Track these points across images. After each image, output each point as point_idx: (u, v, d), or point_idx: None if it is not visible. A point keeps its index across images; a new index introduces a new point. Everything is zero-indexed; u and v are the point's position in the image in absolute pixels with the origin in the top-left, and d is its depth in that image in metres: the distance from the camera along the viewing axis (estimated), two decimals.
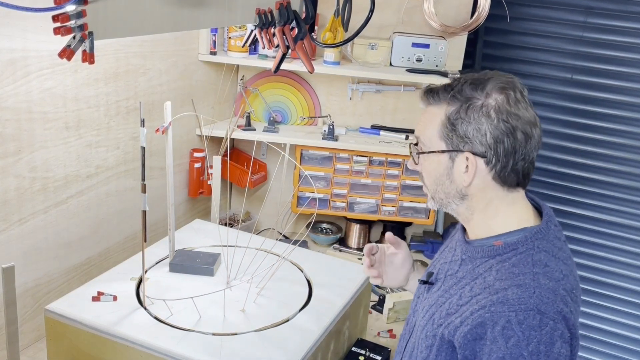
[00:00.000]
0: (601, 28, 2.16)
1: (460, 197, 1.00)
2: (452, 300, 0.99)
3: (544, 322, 0.88)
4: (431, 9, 1.98)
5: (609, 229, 2.31)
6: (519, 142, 0.94)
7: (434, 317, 1.01)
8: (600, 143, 2.25)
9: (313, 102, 2.14)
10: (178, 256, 1.45)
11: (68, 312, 1.21)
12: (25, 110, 1.28)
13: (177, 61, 1.78)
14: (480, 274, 0.97)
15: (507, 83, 0.96)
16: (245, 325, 1.23)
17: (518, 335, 0.87)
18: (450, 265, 1.07)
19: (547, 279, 0.92)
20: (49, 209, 1.40)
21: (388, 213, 2.11)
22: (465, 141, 0.95)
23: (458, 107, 0.96)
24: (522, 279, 0.91)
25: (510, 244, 0.97)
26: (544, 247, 0.96)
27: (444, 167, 0.99)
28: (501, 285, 0.92)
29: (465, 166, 0.97)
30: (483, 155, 0.95)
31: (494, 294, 0.91)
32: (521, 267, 0.93)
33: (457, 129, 0.95)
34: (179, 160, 1.91)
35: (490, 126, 0.93)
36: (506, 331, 0.88)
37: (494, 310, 0.90)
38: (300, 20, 1.41)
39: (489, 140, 0.94)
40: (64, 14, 0.84)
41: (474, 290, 0.96)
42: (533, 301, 0.89)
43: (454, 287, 1.01)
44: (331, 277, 1.46)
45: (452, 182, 0.99)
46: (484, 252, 0.99)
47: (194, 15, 1.14)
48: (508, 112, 0.94)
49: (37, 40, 1.26)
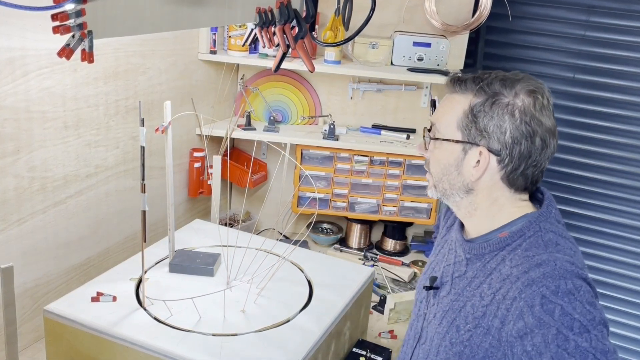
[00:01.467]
0: (604, 27, 2.15)
1: (465, 190, 0.99)
2: (473, 303, 0.97)
3: (577, 285, 0.87)
4: (432, 7, 1.98)
5: (612, 229, 2.30)
6: (535, 148, 0.94)
7: (456, 323, 0.98)
8: (602, 143, 2.25)
9: (314, 102, 2.13)
10: (178, 256, 1.45)
11: (67, 313, 1.20)
12: (24, 109, 1.28)
13: (177, 60, 1.78)
14: (494, 268, 0.96)
15: (536, 87, 0.95)
16: (245, 325, 1.23)
17: (560, 304, 0.85)
18: (455, 267, 1.05)
19: (562, 254, 0.91)
20: (48, 209, 1.40)
21: (389, 213, 2.10)
22: (483, 135, 0.94)
23: (484, 100, 0.94)
24: (539, 259, 0.90)
25: (516, 231, 0.96)
26: (549, 228, 0.96)
27: (454, 157, 0.98)
28: (520, 270, 0.91)
29: (477, 161, 0.96)
30: (498, 153, 0.94)
31: (516, 282, 0.90)
32: (534, 249, 0.93)
33: (477, 122, 0.94)
34: (178, 159, 1.90)
35: (512, 126, 0.92)
36: (546, 306, 0.86)
37: (525, 297, 0.88)
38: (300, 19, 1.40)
39: (506, 139, 0.93)
40: (63, 13, 0.84)
41: (493, 286, 0.94)
42: (557, 272, 0.88)
43: (468, 288, 0.99)
44: (332, 278, 1.45)
45: (460, 174, 0.98)
46: (491, 246, 0.98)
47: (194, 14, 1.14)
48: (532, 115, 0.93)
49: (36, 39, 1.25)
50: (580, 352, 0.83)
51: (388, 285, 1.89)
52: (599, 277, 2.36)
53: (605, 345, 0.84)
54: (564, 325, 0.84)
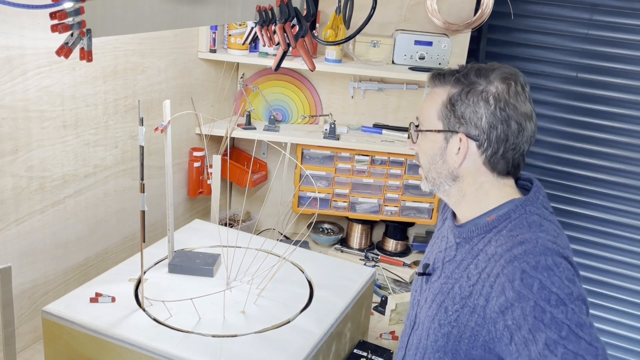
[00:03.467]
0: (606, 25, 2.14)
1: (452, 178, 1.04)
2: (461, 284, 1.00)
3: (557, 261, 0.90)
4: (434, 6, 1.97)
5: (615, 229, 2.29)
6: (512, 131, 0.98)
7: (445, 305, 1.02)
8: (604, 142, 2.24)
9: (314, 101, 2.12)
10: (177, 257, 1.44)
11: (65, 314, 1.19)
12: (22, 108, 1.27)
13: (177, 59, 1.77)
14: (481, 250, 1.00)
15: (510, 74, 1.00)
16: (245, 326, 1.22)
17: (539, 279, 0.88)
18: (446, 252, 1.09)
19: (545, 233, 0.95)
20: (46, 209, 1.39)
21: (390, 213, 2.09)
22: (461, 122, 1.00)
23: (460, 90, 1.00)
24: (521, 237, 0.94)
25: (502, 214, 1.00)
26: (535, 211, 1.00)
27: (438, 146, 1.03)
28: (503, 249, 0.94)
29: (458, 148, 1.01)
30: (476, 138, 0.99)
31: (499, 259, 0.93)
32: (518, 230, 0.96)
33: (455, 110, 1.00)
34: (178, 159, 1.89)
35: (487, 111, 0.98)
36: (526, 280, 0.88)
37: (506, 272, 0.91)
38: (301, 17, 1.39)
39: (483, 125, 0.98)
40: (62, 11, 0.84)
41: (479, 266, 0.98)
42: (539, 249, 0.91)
43: (456, 271, 1.03)
44: (332, 278, 1.45)
45: (445, 163, 1.03)
46: (478, 229, 1.02)
47: (194, 13, 1.13)
48: (506, 101, 0.98)
49: (34, 38, 1.25)
50: (555, 324, 0.85)
51: (389, 286, 1.89)
52: (601, 277, 2.36)
53: (581, 318, 0.86)
54: (541, 297, 0.87)
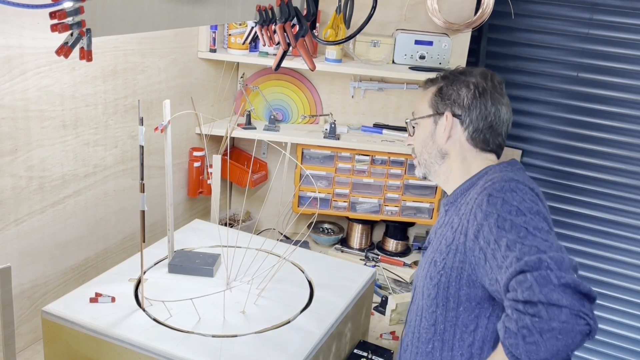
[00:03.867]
0: (607, 25, 2.13)
1: (440, 156, 1.21)
2: (446, 236, 1.13)
3: (520, 187, 1.02)
4: (434, 5, 1.96)
5: (616, 229, 2.29)
6: (488, 112, 1.16)
7: (435, 259, 1.13)
8: (605, 141, 2.23)
9: (314, 100, 2.12)
10: (177, 257, 1.44)
11: (65, 314, 1.19)
12: (22, 108, 1.27)
13: (177, 58, 1.77)
14: (462, 203, 1.14)
15: (487, 72, 1.21)
16: (245, 327, 1.22)
17: (502, 197, 1.00)
18: (438, 223, 1.23)
19: (514, 175, 1.07)
20: (46, 209, 1.39)
21: (391, 213, 2.09)
22: (447, 104, 1.19)
23: (447, 82, 1.21)
24: (492, 177, 1.09)
25: (480, 174, 1.16)
26: (508, 169, 1.13)
27: (429, 130, 1.22)
28: (479, 191, 1.08)
29: (444, 127, 1.19)
30: (459, 116, 1.18)
31: (474, 198, 1.07)
32: (491, 175, 1.12)
33: (442, 95, 1.20)
34: (178, 159, 1.89)
35: (468, 94, 1.17)
36: (491, 200, 1.01)
37: (477, 201, 1.04)
38: (301, 17, 1.39)
39: (465, 104, 1.17)
40: (61, 11, 0.84)
41: (459, 214, 1.12)
42: (504, 178, 1.05)
43: (443, 229, 1.16)
44: (333, 278, 1.45)
45: (434, 142, 1.21)
46: (461, 191, 1.18)
47: (194, 12, 1.13)
48: (484, 87, 1.17)
49: (34, 38, 1.24)
50: (515, 227, 0.95)
51: (389, 286, 1.88)
52: (601, 277, 2.35)
53: (539, 225, 0.95)
54: (504, 210, 0.99)
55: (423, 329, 1.17)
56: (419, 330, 1.19)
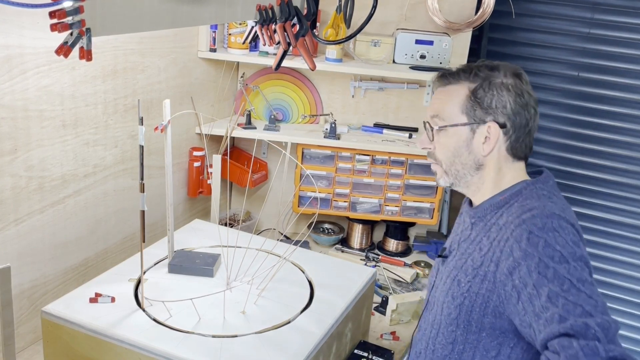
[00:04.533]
0: (608, 25, 2.13)
1: (476, 167, 1.09)
2: (473, 257, 1.06)
3: (563, 225, 0.96)
4: (435, 5, 1.96)
5: (617, 229, 2.29)
6: (530, 116, 1.06)
7: (458, 278, 1.08)
8: (606, 141, 2.23)
9: (315, 100, 2.11)
10: (177, 257, 1.43)
11: (65, 314, 1.19)
12: (22, 108, 1.26)
13: (176, 58, 1.76)
14: (493, 224, 1.06)
15: (517, 69, 1.09)
16: (245, 327, 1.22)
17: (545, 238, 0.94)
18: (462, 234, 1.15)
19: (553, 204, 1.01)
20: (46, 209, 1.38)
21: (391, 213, 2.09)
22: (489, 112, 1.06)
23: (480, 83, 1.06)
24: (531, 205, 1.01)
25: (514, 192, 1.07)
26: (545, 189, 1.06)
27: (463, 138, 1.08)
28: (514, 218, 1.01)
29: (485, 137, 1.06)
30: (504, 125, 1.06)
31: (509, 225, 1.00)
32: (528, 201, 1.03)
33: (482, 102, 1.06)
34: (178, 159, 1.89)
35: (510, 99, 1.05)
36: (532, 240, 0.94)
37: (515, 235, 0.97)
38: (301, 16, 1.39)
39: (509, 112, 1.05)
40: (61, 11, 0.84)
41: (490, 237, 1.04)
42: (546, 213, 0.97)
43: (470, 246, 1.09)
44: (333, 278, 1.44)
45: (471, 153, 1.08)
46: (492, 207, 1.09)
47: (194, 12, 1.13)
48: (522, 89, 1.06)
49: (33, 37, 1.24)
50: (558, 278, 0.90)
51: (390, 286, 1.88)
52: (604, 277, 2.35)
53: (583, 275, 0.91)
54: (545, 254, 0.92)
55: (439, 344, 1.13)
56: (434, 344, 1.15)
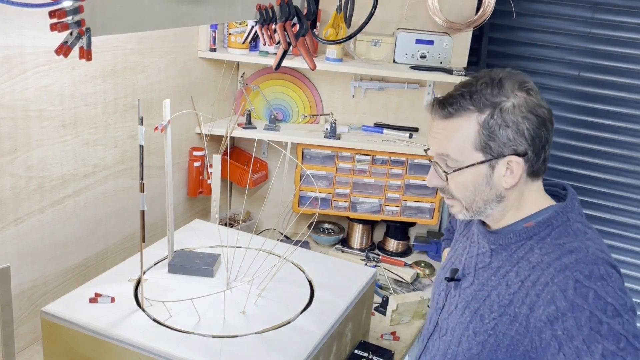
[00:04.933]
0: (609, 24, 2.13)
1: (497, 200, 1.01)
2: (499, 292, 0.98)
3: (609, 271, 0.89)
4: (435, 4, 1.96)
5: (618, 229, 2.28)
6: (547, 132, 0.97)
7: (480, 312, 1.00)
8: (607, 141, 2.23)
9: (315, 100, 2.11)
10: (177, 257, 1.43)
11: (65, 314, 1.19)
12: (22, 108, 1.26)
13: (176, 58, 1.76)
14: (522, 257, 0.98)
15: (522, 80, 0.97)
16: (245, 327, 1.21)
17: (594, 288, 0.87)
18: (478, 258, 1.06)
19: (592, 242, 0.95)
20: (46, 209, 1.38)
21: (391, 213, 2.08)
22: (508, 145, 0.95)
23: (491, 113, 0.95)
24: (570, 246, 0.93)
25: (543, 221, 0.99)
26: (576, 218, 0.99)
27: (482, 176, 0.98)
28: (551, 257, 0.93)
29: (506, 169, 0.97)
30: (525, 153, 0.96)
31: (548, 268, 0.92)
32: (564, 238, 0.95)
33: (497, 136, 0.95)
34: (178, 159, 1.89)
35: (527, 123, 0.95)
36: (580, 290, 0.87)
37: (557, 281, 0.89)
38: (301, 16, 1.39)
39: (528, 137, 0.95)
40: (61, 10, 0.84)
41: (520, 273, 0.96)
42: (590, 258, 0.90)
43: (493, 278, 1.01)
44: (333, 279, 1.44)
45: (492, 188, 0.99)
46: (517, 236, 1.00)
47: (193, 11, 1.12)
48: (535, 104, 0.95)
49: (33, 37, 1.24)
50: (613, 335, 0.84)
51: (390, 286, 1.88)
52: None
53: (636, 329, 0.86)
54: (597, 308, 0.85)
55: None
56: None
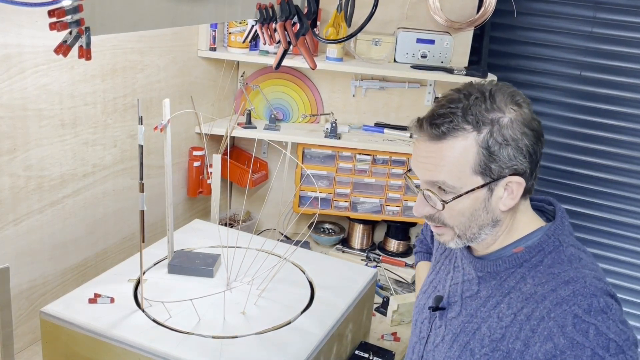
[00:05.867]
0: (611, 24, 2.12)
1: (492, 225, 0.92)
2: (490, 325, 0.92)
3: (609, 303, 0.84)
4: (436, 3, 1.95)
5: (620, 229, 2.27)
6: (542, 145, 0.90)
7: (470, 347, 0.94)
8: (609, 141, 2.22)
9: (315, 99, 2.11)
10: (177, 257, 1.43)
11: (64, 315, 1.18)
12: (20, 107, 1.26)
13: (176, 57, 1.76)
14: (513, 287, 0.91)
15: (512, 92, 0.90)
16: (245, 328, 1.21)
17: (594, 323, 0.82)
18: (464, 285, 0.99)
19: (588, 269, 0.89)
20: (45, 209, 1.38)
21: (392, 213, 2.08)
22: (508, 165, 0.87)
23: (490, 131, 0.86)
24: (565, 276, 0.87)
25: (533, 246, 0.92)
26: (569, 241, 0.93)
27: (480, 200, 0.90)
28: (546, 289, 0.87)
29: (504, 190, 0.89)
30: (524, 171, 0.88)
31: (543, 301, 0.86)
32: (558, 266, 0.89)
33: (498, 156, 0.87)
34: (177, 158, 1.88)
35: (526, 139, 0.87)
36: (579, 326, 0.82)
37: (554, 316, 0.84)
38: (302, 15, 1.38)
39: (526, 154, 0.88)
40: (60, 9, 0.84)
41: (512, 305, 0.90)
42: (588, 289, 0.85)
43: (482, 309, 0.94)
44: (334, 279, 1.44)
45: (489, 212, 0.91)
46: (506, 263, 0.93)
47: (193, 10, 1.12)
48: (530, 118, 0.89)
49: (32, 36, 1.23)
50: None
51: (391, 287, 1.87)
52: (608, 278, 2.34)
53: None
54: (599, 345, 0.81)
55: None
56: None
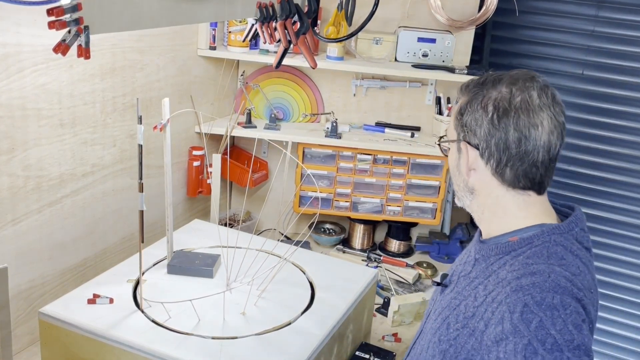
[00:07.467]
0: (613, 22, 2.11)
1: (469, 191, 1.01)
2: (467, 302, 0.96)
3: (566, 302, 0.83)
4: (437, 2, 1.94)
5: (622, 229, 2.27)
6: (511, 140, 0.92)
7: (449, 320, 0.98)
8: (612, 141, 2.21)
9: (316, 99, 2.10)
10: (176, 257, 1.42)
11: (63, 315, 1.18)
12: (19, 106, 1.25)
13: (176, 56, 1.75)
14: (494, 271, 0.94)
15: (517, 79, 0.94)
16: (245, 328, 1.21)
17: (540, 316, 0.82)
18: (464, 266, 1.05)
19: (563, 268, 0.88)
20: (43, 209, 1.37)
21: (393, 213, 2.07)
22: (464, 131, 0.97)
23: (470, 97, 0.96)
24: (535, 268, 0.88)
25: (525, 238, 0.94)
26: (561, 242, 0.92)
27: (454, 157, 1.01)
28: (513, 275, 0.89)
29: (459, 152, 0.99)
30: (476, 146, 0.95)
31: (506, 286, 0.88)
32: (535, 258, 0.90)
33: (462, 119, 0.97)
34: (177, 158, 1.88)
35: (485, 119, 0.93)
36: (525, 315, 0.82)
37: (509, 302, 0.85)
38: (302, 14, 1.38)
39: (482, 133, 0.94)
40: (59, 8, 0.85)
41: (487, 288, 0.93)
42: (549, 284, 0.84)
43: (467, 288, 0.99)
44: (334, 279, 1.43)
45: (460, 174, 1.00)
46: (498, 249, 0.97)
47: (193, 9, 1.12)
48: (505, 109, 0.92)
49: (31, 35, 1.23)
50: None
51: (392, 287, 1.86)
52: (609, 279, 2.33)
53: None
54: (536, 338, 0.81)
55: None
56: None
